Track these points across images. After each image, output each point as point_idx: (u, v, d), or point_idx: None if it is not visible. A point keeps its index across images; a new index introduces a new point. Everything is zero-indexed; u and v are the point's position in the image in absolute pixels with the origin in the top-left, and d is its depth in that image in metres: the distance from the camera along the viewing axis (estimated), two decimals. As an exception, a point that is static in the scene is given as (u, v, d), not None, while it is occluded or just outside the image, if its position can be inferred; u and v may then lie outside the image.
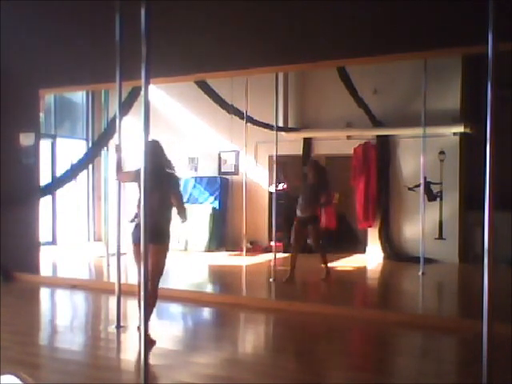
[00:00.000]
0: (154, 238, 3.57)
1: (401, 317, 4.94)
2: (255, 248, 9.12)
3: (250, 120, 8.20)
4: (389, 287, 7.24)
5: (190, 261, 8.82)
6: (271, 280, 6.61)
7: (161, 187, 4.03)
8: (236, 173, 9.80)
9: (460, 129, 8.14)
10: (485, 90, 2.84)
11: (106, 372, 3.61)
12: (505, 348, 3.81)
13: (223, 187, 9.88)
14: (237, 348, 4.43)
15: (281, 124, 9.26)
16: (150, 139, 3.14)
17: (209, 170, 10.08)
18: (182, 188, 8.63)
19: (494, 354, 2.81)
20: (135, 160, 4.47)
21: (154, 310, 4.26)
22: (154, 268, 3.98)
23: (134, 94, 6.71)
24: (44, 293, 6.51)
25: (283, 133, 9.20)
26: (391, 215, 8.80)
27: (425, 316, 5.11)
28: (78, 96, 10.57)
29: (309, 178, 6.66)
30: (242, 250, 8.25)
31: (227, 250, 9.35)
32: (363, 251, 8.94)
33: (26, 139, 6.95)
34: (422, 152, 7.35)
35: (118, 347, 4.34)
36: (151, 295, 3.93)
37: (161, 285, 4.28)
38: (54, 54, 6.66)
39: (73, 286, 6.45)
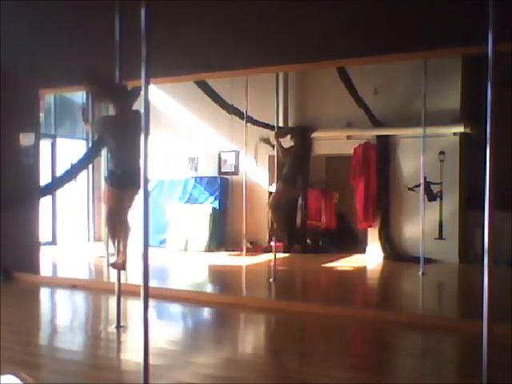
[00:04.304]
0: None
1: (401, 317, 4.94)
2: (255, 248, 9.12)
3: (250, 120, 8.20)
4: (389, 287, 7.24)
5: (190, 261, 8.83)
6: (271, 280, 6.60)
7: None
8: (236, 173, 9.80)
9: (460, 129, 8.14)
10: (485, 90, 2.84)
11: (106, 372, 3.61)
12: (505, 348, 3.81)
13: (223, 187, 9.88)
14: (237, 348, 4.43)
15: (281, 124, 9.27)
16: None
17: (209, 170, 10.08)
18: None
19: (493, 354, 2.81)
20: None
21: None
22: None
23: (134, 94, 6.70)
24: (44, 293, 6.51)
25: (283, 133, 9.20)
26: (391, 215, 8.80)
27: (425, 316, 5.10)
28: (78, 96, 10.56)
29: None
30: (242, 250, 8.25)
31: (227, 250, 9.35)
32: (363, 251, 8.95)
33: (25, 139, 6.94)
34: (422, 152, 7.34)
35: (118, 347, 4.34)
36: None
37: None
38: (54, 54, 6.66)
39: (73, 285, 6.46)
